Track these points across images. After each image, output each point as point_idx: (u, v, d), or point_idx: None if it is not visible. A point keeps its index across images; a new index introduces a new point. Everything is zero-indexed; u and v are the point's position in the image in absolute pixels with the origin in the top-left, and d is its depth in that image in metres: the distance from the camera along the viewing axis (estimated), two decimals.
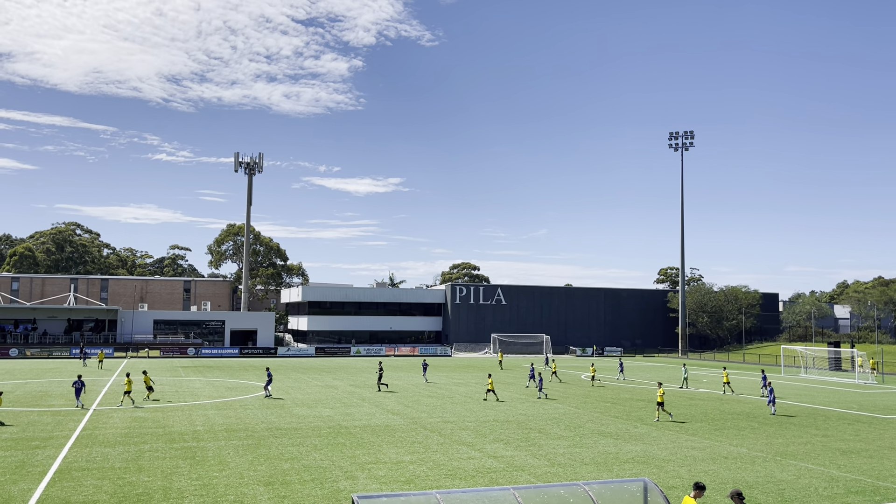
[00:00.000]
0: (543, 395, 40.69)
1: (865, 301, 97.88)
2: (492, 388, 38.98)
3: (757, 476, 20.41)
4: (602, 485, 12.92)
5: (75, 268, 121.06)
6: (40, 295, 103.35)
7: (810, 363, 67.18)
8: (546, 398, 39.85)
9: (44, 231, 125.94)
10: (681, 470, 21.08)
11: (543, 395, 40.69)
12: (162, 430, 27.21)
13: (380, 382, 43.92)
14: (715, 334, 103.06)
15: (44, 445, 23.87)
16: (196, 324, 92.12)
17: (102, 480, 18.88)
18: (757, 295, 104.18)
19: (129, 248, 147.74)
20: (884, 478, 20.47)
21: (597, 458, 22.85)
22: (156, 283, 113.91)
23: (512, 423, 30.07)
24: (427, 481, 19.29)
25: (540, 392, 40.73)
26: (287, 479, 19.20)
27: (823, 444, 25.96)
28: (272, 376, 41.02)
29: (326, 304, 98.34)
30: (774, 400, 34.69)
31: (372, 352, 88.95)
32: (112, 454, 22.45)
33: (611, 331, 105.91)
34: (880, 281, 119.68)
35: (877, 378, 57.80)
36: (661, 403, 31.77)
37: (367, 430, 27.71)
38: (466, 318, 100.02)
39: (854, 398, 42.45)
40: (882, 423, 31.75)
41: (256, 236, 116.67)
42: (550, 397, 40.48)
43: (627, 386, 48.78)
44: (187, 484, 18.59)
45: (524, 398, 39.90)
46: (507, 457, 22.76)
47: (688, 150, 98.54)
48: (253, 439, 25.42)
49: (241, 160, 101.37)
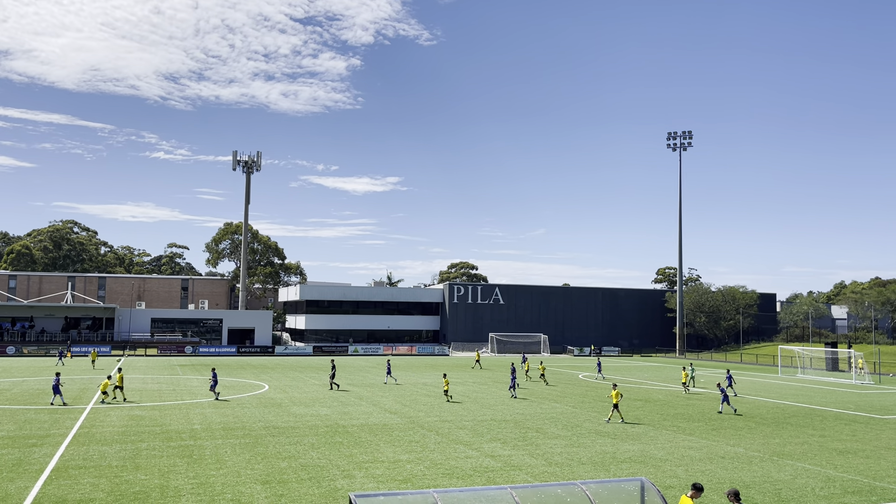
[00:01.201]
0: (513, 395, 40.36)
1: (863, 302, 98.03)
2: (447, 388, 38.51)
3: (754, 476, 20.43)
4: (599, 484, 12.93)
5: (73, 266, 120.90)
6: (37, 293, 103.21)
7: (807, 363, 67.28)
8: (515, 399, 39.15)
9: (41, 229, 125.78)
10: (678, 470, 21.10)
11: (513, 395, 40.36)
12: (159, 429, 27.19)
13: (332, 381, 43.36)
14: (713, 334, 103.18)
15: (41, 443, 23.84)
16: (193, 322, 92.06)
17: (99, 479, 18.86)
18: (754, 295, 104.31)
19: (127, 247, 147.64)
20: (880, 478, 20.51)
21: (594, 457, 22.87)
22: (153, 281, 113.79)
23: (509, 423, 30.08)
24: (424, 480, 19.29)
25: (511, 391, 40.53)
26: (284, 478, 19.19)
27: (820, 445, 26.00)
28: (217, 377, 38.97)
29: (324, 302, 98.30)
30: (727, 399, 34.35)
31: (370, 351, 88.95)
32: (109, 452, 22.42)
33: (608, 330, 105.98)
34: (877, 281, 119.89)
35: (873, 378, 57.89)
36: (616, 405, 30.91)
37: (365, 429, 27.70)
38: (464, 317, 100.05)
39: (851, 398, 42.52)
40: (879, 424, 31.81)
41: (254, 235, 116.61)
42: (545, 397, 40.49)
43: (624, 385, 48.78)
44: (184, 482, 18.57)
45: (515, 397, 39.90)
46: (504, 456, 22.77)
47: (686, 151, 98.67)
48: (250, 438, 25.41)
49: (240, 159, 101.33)
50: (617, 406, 31.04)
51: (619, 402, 31.69)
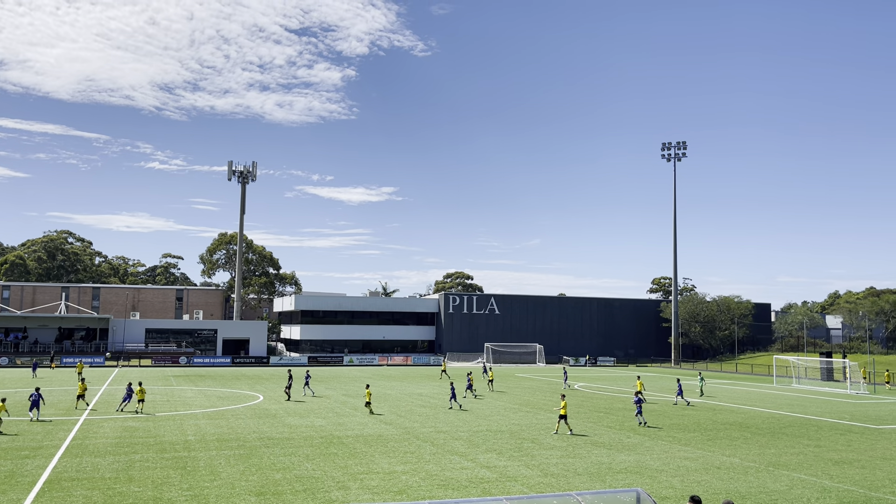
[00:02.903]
0: (457, 406, 39.67)
1: (857, 311, 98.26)
2: (369, 399, 36.44)
3: (749, 487, 20.40)
4: (595, 495, 12.90)
5: (67, 276, 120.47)
6: (31, 303, 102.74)
7: (802, 373, 67.31)
8: (460, 409, 38.61)
9: (35, 239, 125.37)
10: (674, 480, 21.05)
11: (457, 406, 39.67)
12: (153, 440, 27.04)
13: (287, 391, 42.71)
14: (707, 344, 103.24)
15: (33, 455, 23.67)
16: (188, 332, 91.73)
17: (92, 491, 18.73)
18: (749, 305, 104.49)
19: (122, 257, 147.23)
20: (876, 488, 20.49)
21: (590, 468, 22.81)
22: (148, 291, 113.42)
23: (505, 433, 30.00)
24: (420, 492, 19.21)
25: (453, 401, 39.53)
26: (279, 490, 19.09)
27: (816, 455, 25.99)
28: (132, 392, 36.14)
29: (319, 313, 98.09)
30: (641, 412, 33.39)
31: (365, 361, 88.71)
32: (102, 464, 22.28)
33: (604, 340, 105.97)
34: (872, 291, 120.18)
35: (868, 388, 57.96)
36: (563, 416, 29.84)
37: (360, 440, 27.59)
38: (460, 327, 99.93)
39: (846, 408, 42.54)
40: (874, 434, 31.82)
41: (249, 245, 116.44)
42: (540, 407, 40.40)
43: (620, 396, 48.73)
44: (178, 494, 18.45)
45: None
46: (500, 467, 22.70)
47: (680, 161, 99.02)
48: (244, 449, 25.28)
49: (235, 169, 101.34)
50: (564, 417, 29.82)
51: (566, 413, 30.11)
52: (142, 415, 34.53)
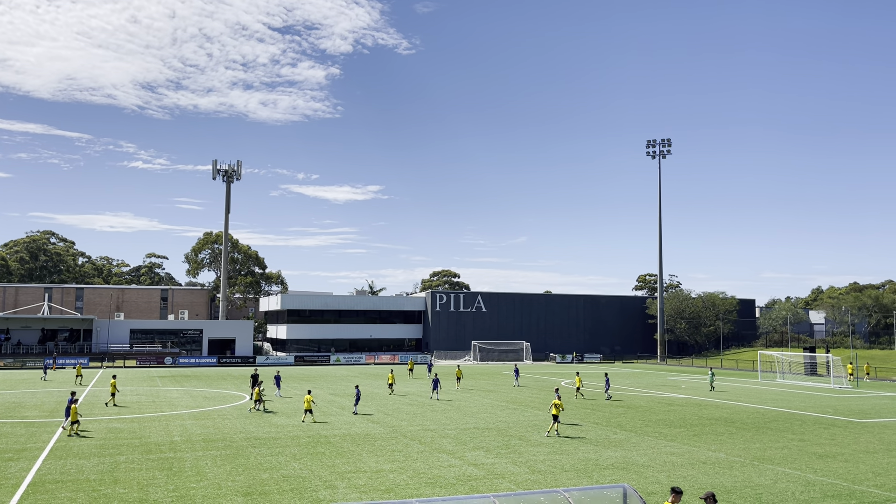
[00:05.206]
0: (436, 397, 43.34)
1: (840, 306, 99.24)
2: (308, 407, 33.05)
3: (735, 481, 20.57)
4: (582, 491, 12.96)
5: (49, 277, 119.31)
6: (13, 304, 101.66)
7: (786, 368, 67.90)
8: (438, 400, 42.17)
9: (17, 240, 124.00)
10: (660, 476, 21.18)
11: (436, 397, 43.34)
12: (138, 441, 26.85)
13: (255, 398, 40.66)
14: (693, 340, 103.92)
15: (17, 458, 23.44)
16: (173, 333, 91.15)
17: (77, 493, 18.58)
18: (734, 301, 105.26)
19: (105, 257, 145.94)
20: (859, 481, 20.72)
21: (577, 464, 22.90)
22: (132, 291, 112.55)
23: (492, 431, 30.06)
24: (407, 490, 19.21)
25: (434, 393, 43.51)
26: (266, 490, 19.02)
27: (800, 449, 26.24)
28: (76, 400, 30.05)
29: (306, 312, 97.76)
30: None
31: (352, 360, 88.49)
32: (87, 466, 22.10)
33: (590, 337, 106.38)
34: (854, 286, 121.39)
35: (852, 382, 58.56)
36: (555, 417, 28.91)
37: (347, 439, 27.55)
38: (447, 325, 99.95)
39: (830, 402, 42.97)
40: (857, 427, 32.17)
41: (234, 244, 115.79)
42: (527, 405, 40.52)
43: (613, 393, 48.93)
44: (164, 495, 18.34)
45: (495, 404, 39.91)
46: (487, 464, 22.74)
47: (665, 158, 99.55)
48: (231, 449, 25.16)
49: (219, 168, 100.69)
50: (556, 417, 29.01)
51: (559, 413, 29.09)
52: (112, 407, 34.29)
